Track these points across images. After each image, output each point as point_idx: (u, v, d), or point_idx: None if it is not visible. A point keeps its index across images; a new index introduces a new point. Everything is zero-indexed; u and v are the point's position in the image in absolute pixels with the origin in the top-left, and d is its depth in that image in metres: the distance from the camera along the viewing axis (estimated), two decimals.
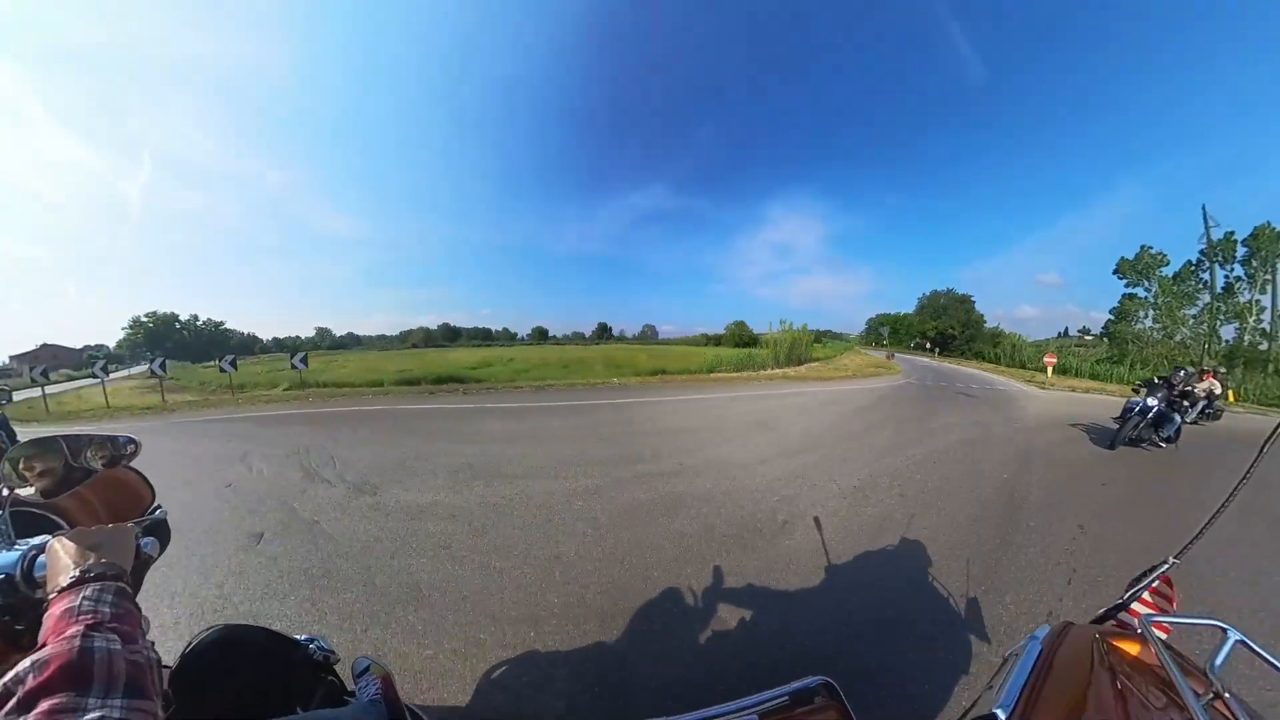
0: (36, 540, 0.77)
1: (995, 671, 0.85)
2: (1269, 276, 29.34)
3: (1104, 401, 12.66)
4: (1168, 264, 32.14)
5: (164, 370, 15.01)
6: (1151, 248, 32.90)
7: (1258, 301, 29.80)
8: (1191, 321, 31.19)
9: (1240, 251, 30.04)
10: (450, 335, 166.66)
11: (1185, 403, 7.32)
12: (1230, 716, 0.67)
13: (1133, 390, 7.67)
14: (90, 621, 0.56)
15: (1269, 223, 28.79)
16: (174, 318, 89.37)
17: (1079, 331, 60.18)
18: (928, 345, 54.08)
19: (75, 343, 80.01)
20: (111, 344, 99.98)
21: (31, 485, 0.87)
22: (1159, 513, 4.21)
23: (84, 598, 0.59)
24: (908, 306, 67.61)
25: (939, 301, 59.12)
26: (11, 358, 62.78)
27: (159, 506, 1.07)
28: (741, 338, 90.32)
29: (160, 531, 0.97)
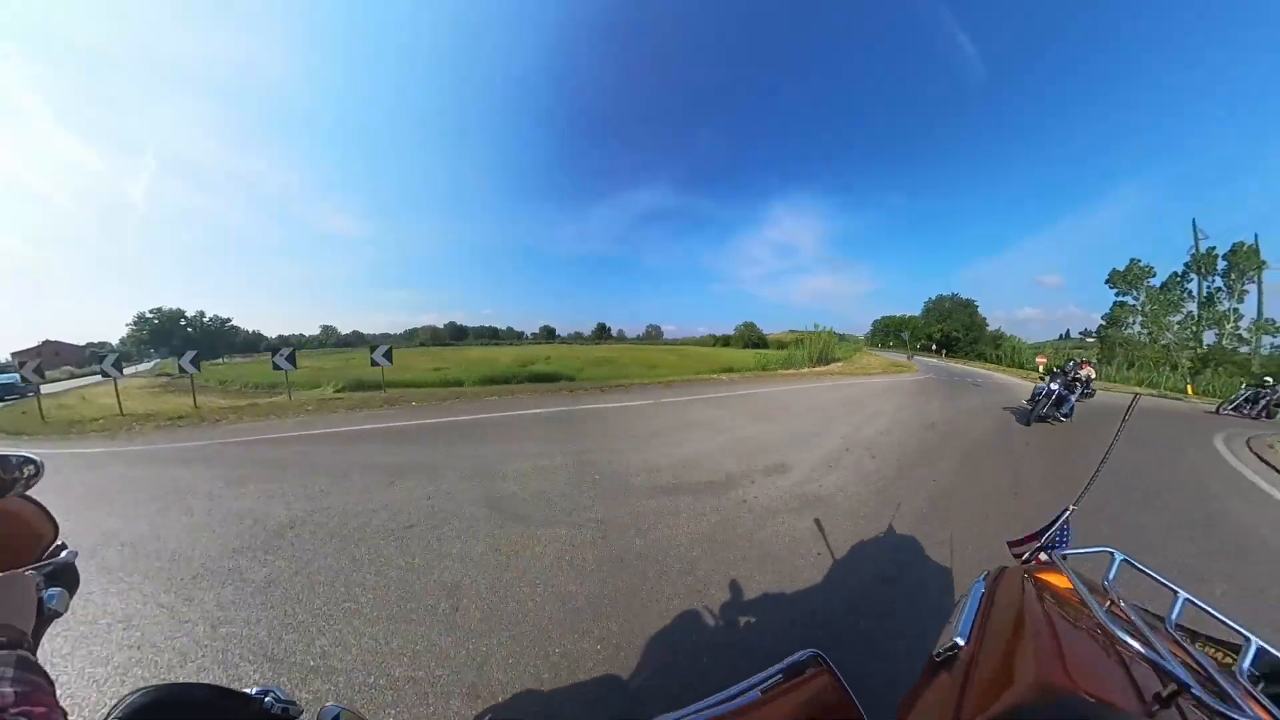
0: None
1: (953, 612, 1.03)
2: (1245, 288, 32.94)
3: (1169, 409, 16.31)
4: (1154, 275, 35.75)
5: (196, 367, 12.36)
6: (1140, 260, 36.50)
7: (1235, 310, 33.42)
8: (1176, 327, 34.79)
9: (1220, 265, 33.68)
10: (458, 334, 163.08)
11: (1078, 385, 9.34)
12: (1125, 616, 0.89)
13: (1039, 378, 10.89)
14: None
15: (1244, 241, 32.37)
16: (179, 314, 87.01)
17: (1080, 333, 63.52)
18: (934, 347, 57.64)
19: (75, 342, 79.51)
20: (114, 341, 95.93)
21: None
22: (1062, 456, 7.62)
23: None
24: (910, 306, 71.56)
25: (944, 305, 62.73)
26: (12, 354, 60.18)
27: (64, 546, 0.82)
28: (750, 338, 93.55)
29: (68, 578, 0.76)
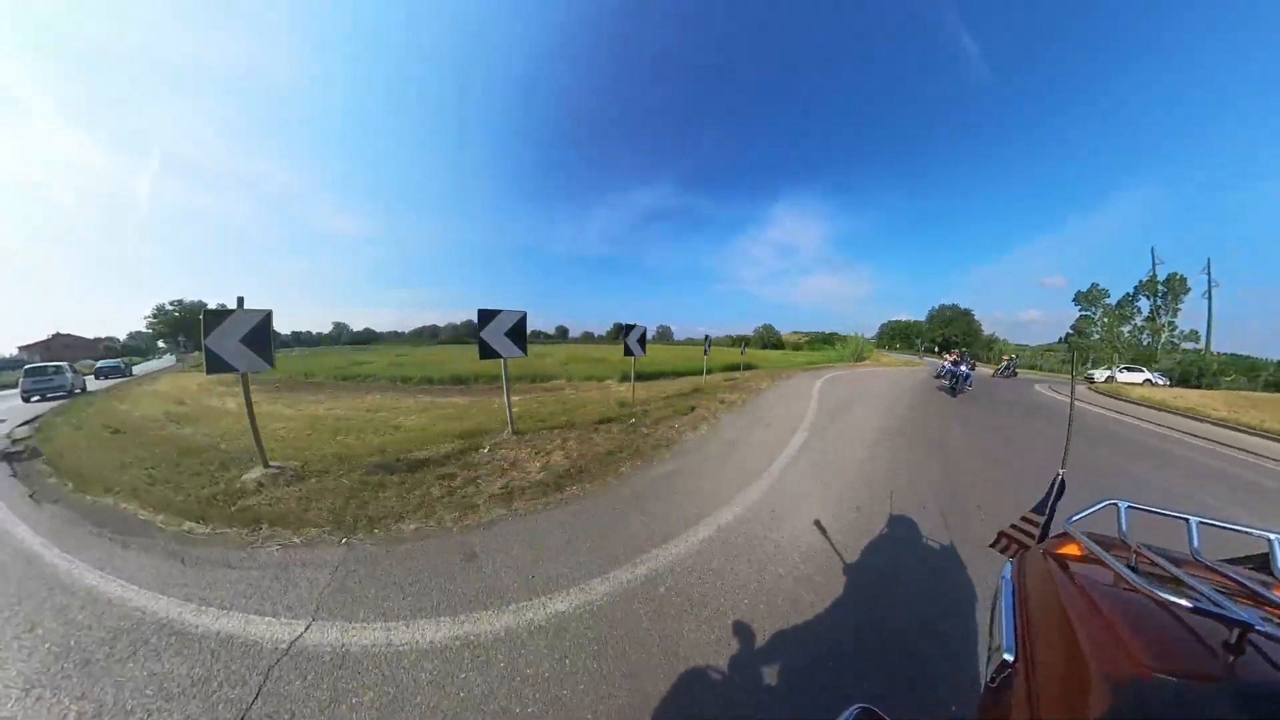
0: None
1: (989, 619, 0.97)
2: (1177, 308, 43.06)
3: (1037, 379, 26.28)
4: (1109, 296, 45.95)
5: (269, 361, 4.53)
6: (1099, 284, 46.68)
7: (1171, 323, 43.48)
8: (1125, 335, 44.87)
9: (1160, 289, 43.77)
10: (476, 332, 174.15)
11: (971, 367, 14.30)
12: (1156, 567, 0.86)
13: (948, 361, 15.30)
14: None
15: (1177, 273, 42.49)
16: (202, 306, 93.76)
17: (1062, 338, 73.92)
18: (936, 349, 67.78)
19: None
20: (122, 336, 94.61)
21: None
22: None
23: None
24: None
25: (945, 314, 73.05)
26: (20, 348, 59.87)
27: None
28: (768, 340, 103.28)
29: None
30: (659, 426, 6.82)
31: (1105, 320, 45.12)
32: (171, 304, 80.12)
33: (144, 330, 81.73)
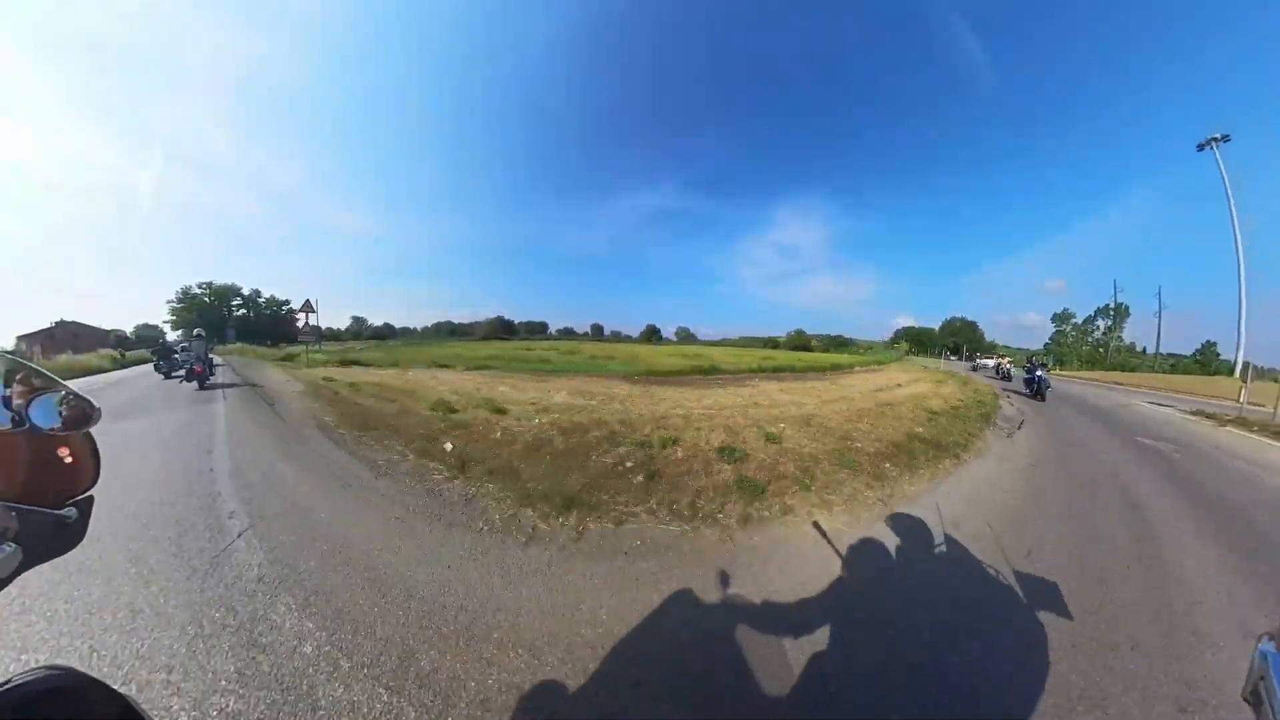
0: None
1: (1247, 698, 0.62)
2: (1122, 326, 60.29)
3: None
4: (1075, 317, 63.38)
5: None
6: (1069, 309, 64.09)
7: (1118, 336, 60.65)
8: (1087, 346, 62.07)
9: (1110, 314, 61.12)
10: (508, 329, 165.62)
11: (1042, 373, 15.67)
12: None
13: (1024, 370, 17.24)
14: None
15: (1124, 305, 59.69)
16: (234, 290, 72.27)
17: (1045, 345, 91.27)
18: (948, 354, 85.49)
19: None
20: (128, 329, 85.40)
21: None
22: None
23: None
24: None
25: (955, 324, 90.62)
26: (19, 338, 54.09)
27: (88, 498, 0.69)
28: (797, 343, 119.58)
29: (53, 535, 0.63)
30: None
31: (1073, 334, 62.70)
32: (200, 286, 67.51)
33: (150, 323, 64.10)
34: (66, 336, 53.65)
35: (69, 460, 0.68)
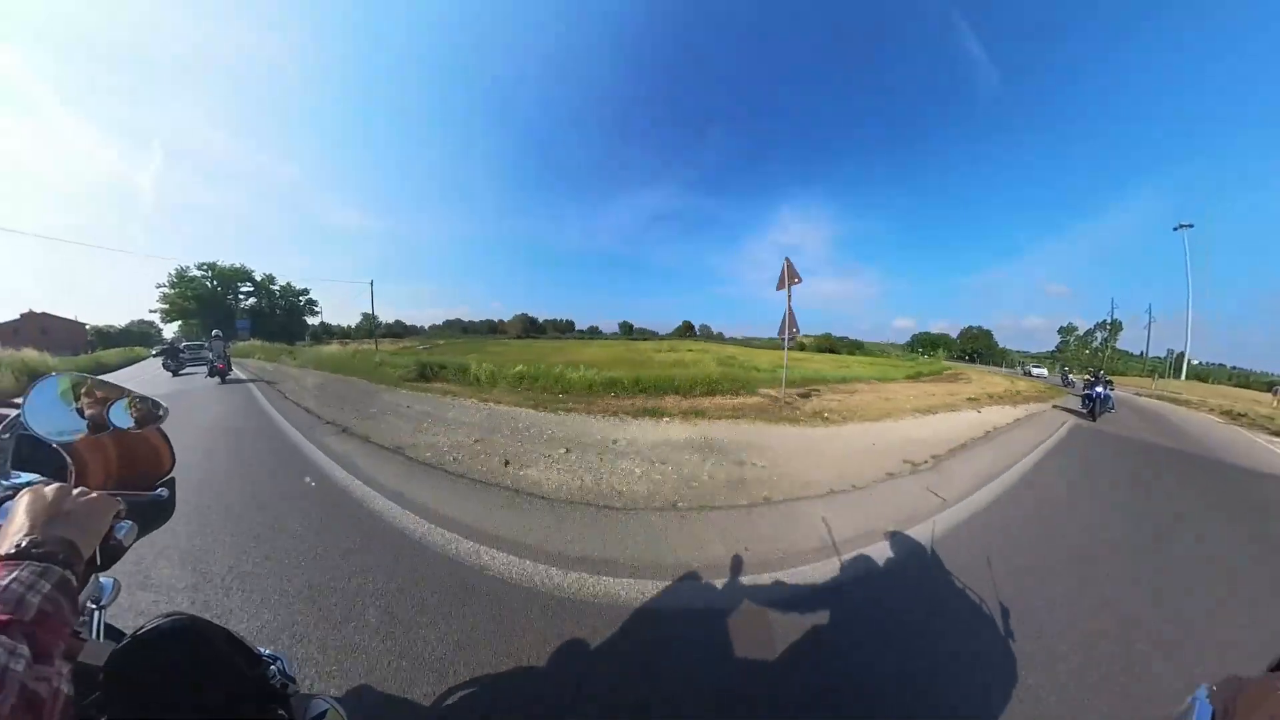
0: (23, 478, 0.73)
1: None
2: (1116, 338, 73.71)
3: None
4: (1077, 330, 76.98)
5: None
6: (1073, 323, 77.59)
7: (1114, 345, 74.07)
8: (1087, 354, 75.46)
9: (1107, 328, 74.59)
10: (535, 328, 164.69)
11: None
12: None
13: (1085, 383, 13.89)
14: (4, 618, 0.46)
15: (1119, 320, 73.03)
16: (244, 273, 58.21)
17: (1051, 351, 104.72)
18: (966, 359, 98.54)
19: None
20: (131, 319, 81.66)
21: (61, 417, 0.75)
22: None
23: (14, 580, 0.50)
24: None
25: (972, 332, 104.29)
26: None
27: (170, 480, 0.92)
28: (824, 344, 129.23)
29: (153, 512, 0.83)
30: None
31: (1075, 345, 76.54)
32: (200, 268, 53.91)
33: (166, 306, 52.44)
34: (34, 330, 51.08)
35: (150, 451, 0.91)
